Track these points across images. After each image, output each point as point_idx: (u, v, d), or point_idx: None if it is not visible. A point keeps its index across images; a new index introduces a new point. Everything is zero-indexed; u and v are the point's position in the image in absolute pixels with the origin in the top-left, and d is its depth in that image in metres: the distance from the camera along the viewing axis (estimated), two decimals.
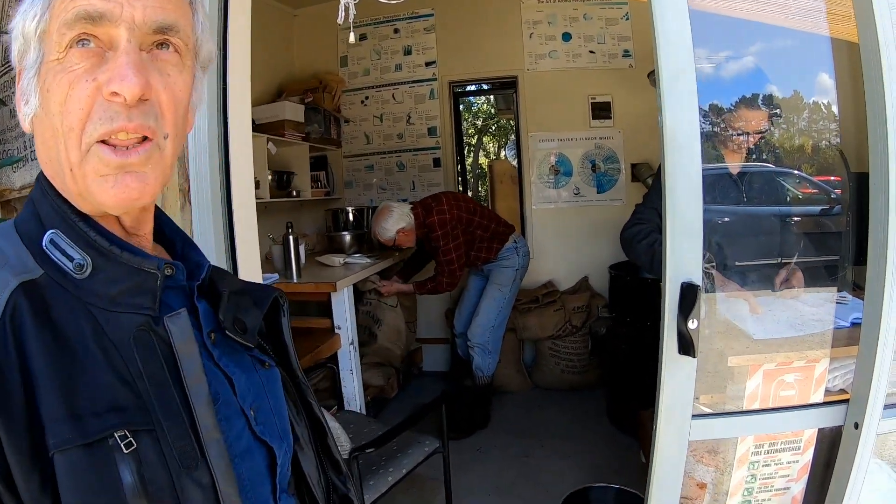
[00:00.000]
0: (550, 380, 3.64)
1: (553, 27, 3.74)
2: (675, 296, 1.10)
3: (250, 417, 0.61)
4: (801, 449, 1.41)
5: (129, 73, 0.51)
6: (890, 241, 1.22)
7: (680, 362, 1.13)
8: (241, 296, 0.67)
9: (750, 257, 1.55)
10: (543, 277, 3.85)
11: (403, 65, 3.96)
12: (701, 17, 1.38)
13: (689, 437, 1.19)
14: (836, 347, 1.35)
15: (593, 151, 3.81)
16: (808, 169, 1.87)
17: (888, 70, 1.24)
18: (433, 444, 1.95)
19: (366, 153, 4.12)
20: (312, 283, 2.64)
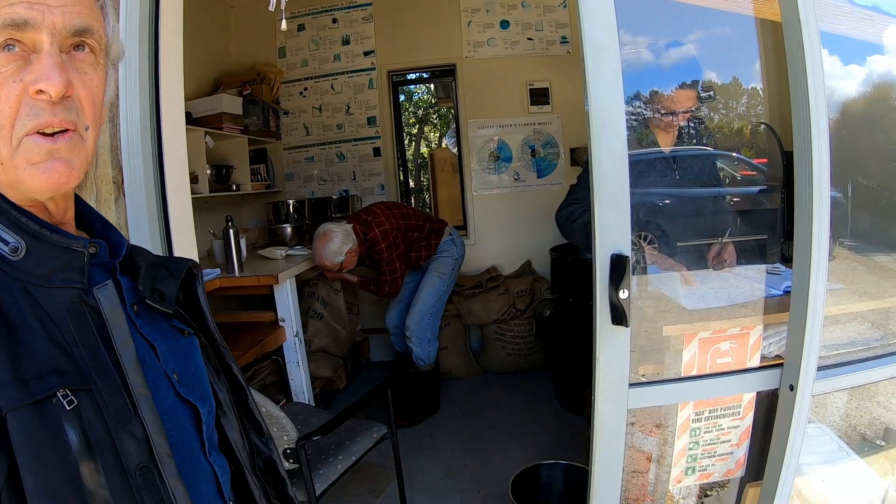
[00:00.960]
0: (497, 363, 3.70)
1: (491, 15, 3.79)
2: (606, 267, 1.13)
3: (174, 380, 0.68)
4: (741, 414, 1.46)
5: (53, 73, 0.57)
6: (814, 211, 1.27)
7: (614, 332, 1.16)
8: (158, 268, 0.73)
9: (689, 237, 1.60)
10: (487, 263, 3.91)
11: (342, 55, 3.95)
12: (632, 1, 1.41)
13: (627, 406, 1.22)
14: (770, 314, 1.40)
15: (532, 137, 3.88)
16: (747, 152, 1.92)
17: (809, 47, 1.29)
18: (381, 430, 1.97)
19: (306, 145, 4.10)
20: (254, 276, 2.62)
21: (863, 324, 1.78)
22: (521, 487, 1.92)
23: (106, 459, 0.56)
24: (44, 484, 0.53)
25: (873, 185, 1.95)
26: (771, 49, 1.52)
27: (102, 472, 0.56)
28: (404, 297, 3.29)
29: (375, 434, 1.94)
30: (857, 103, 1.81)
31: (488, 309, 3.59)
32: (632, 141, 1.71)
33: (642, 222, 1.38)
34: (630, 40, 1.49)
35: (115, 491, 0.56)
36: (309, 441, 1.62)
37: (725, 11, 1.57)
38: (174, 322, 0.73)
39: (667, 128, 1.66)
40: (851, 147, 1.87)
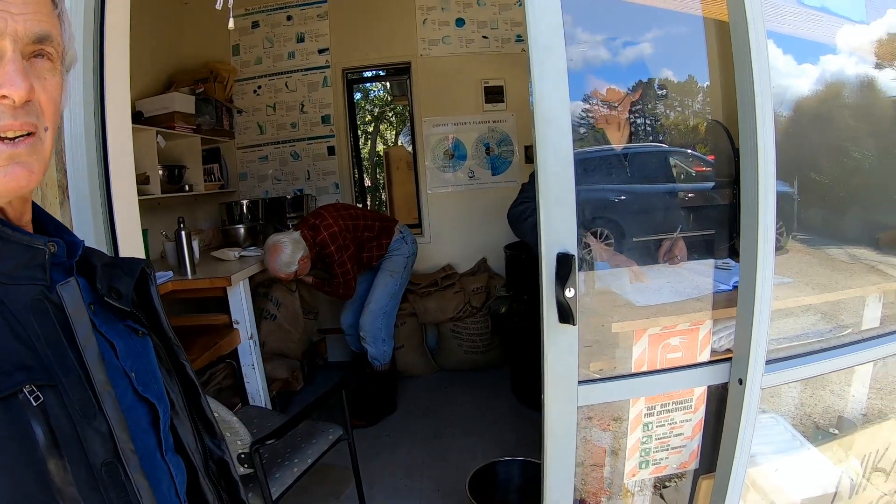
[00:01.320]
0: (455, 361, 3.72)
1: (446, 13, 3.78)
2: (552, 265, 1.14)
3: (132, 378, 0.68)
4: (693, 408, 1.48)
5: (17, 78, 0.59)
6: (760, 206, 1.29)
7: (561, 331, 1.17)
8: (113, 267, 0.74)
9: (641, 233, 1.62)
10: (442, 261, 3.92)
11: (297, 52, 3.91)
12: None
13: (577, 403, 1.23)
14: (719, 309, 1.42)
15: (487, 135, 3.90)
16: (702, 148, 1.95)
17: (755, 45, 1.31)
18: (337, 432, 1.96)
19: (259, 144, 4.06)
20: (207, 278, 2.58)
21: (815, 315, 1.82)
22: (479, 484, 1.93)
23: (72, 455, 0.57)
24: (11, 480, 0.53)
25: (825, 181, 1.99)
26: (723, 47, 1.55)
27: (69, 469, 0.56)
28: (358, 296, 3.27)
29: (331, 436, 1.92)
30: (809, 101, 1.84)
31: (444, 307, 3.60)
32: (588, 139, 1.73)
33: (589, 220, 1.39)
34: (587, 39, 1.50)
35: (82, 487, 0.57)
36: (263, 445, 1.60)
37: (680, 12, 1.59)
38: (128, 322, 0.74)
39: (616, 125, 1.67)
40: (804, 143, 1.91)
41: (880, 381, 2.09)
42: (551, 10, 1.16)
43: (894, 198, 2.10)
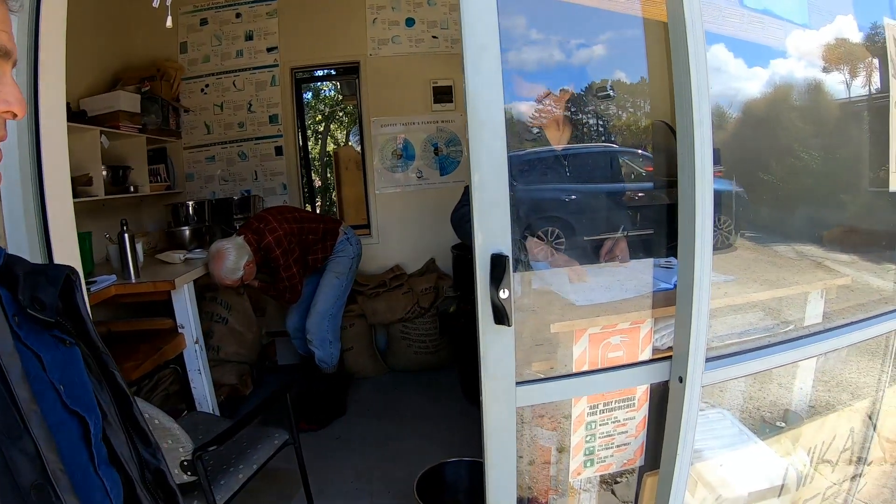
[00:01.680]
0: (404, 362, 3.72)
1: (397, 12, 3.78)
2: (486, 266, 1.13)
3: (60, 392, 0.66)
4: (636, 406, 1.50)
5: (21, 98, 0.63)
6: (697, 205, 1.31)
7: (497, 332, 1.17)
8: (37, 276, 0.71)
9: (584, 233, 1.63)
10: (390, 262, 3.92)
11: (245, 51, 3.86)
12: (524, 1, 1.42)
13: (516, 404, 1.23)
14: (660, 308, 1.44)
15: (436, 135, 3.91)
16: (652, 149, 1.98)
17: (693, 48, 1.33)
18: (283, 436, 1.94)
19: (207, 144, 3.98)
20: (150, 282, 2.53)
21: (761, 312, 1.86)
22: (428, 486, 1.93)
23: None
24: None
25: (773, 180, 2.03)
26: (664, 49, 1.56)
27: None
28: (304, 299, 3.24)
29: (277, 440, 1.90)
30: (759, 103, 1.88)
31: (393, 308, 3.60)
32: (529, 140, 1.73)
33: (525, 220, 1.39)
34: (526, 40, 1.50)
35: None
36: (206, 452, 1.57)
37: (622, 13, 1.60)
38: (55, 332, 0.71)
39: (555, 125, 1.68)
40: (753, 144, 1.96)
41: (827, 373, 2.15)
42: (487, 10, 1.16)
43: (839, 197, 2.16)
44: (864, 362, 2.16)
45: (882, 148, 1.91)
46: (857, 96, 2.00)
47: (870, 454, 2.13)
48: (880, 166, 1.95)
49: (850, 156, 2.14)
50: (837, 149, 2.14)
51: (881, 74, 1.95)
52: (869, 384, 2.15)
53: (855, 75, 1.97)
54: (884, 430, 2.16)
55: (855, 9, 1.94)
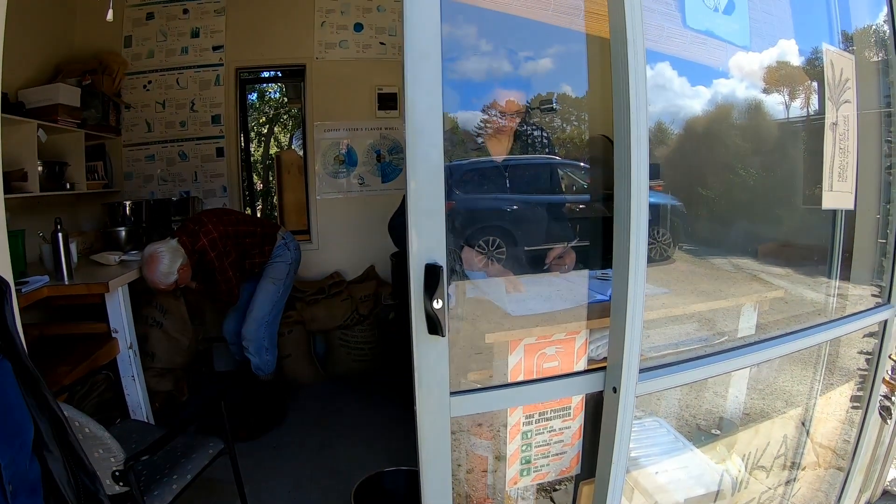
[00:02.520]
0: (343, 369, 3.70)
1: (345, 17, 3.76)
2: (420, 276, 1.13)
3: None
4: (571, 415, 1.52)
5: None
6: (632, 218, 1.34)
7: (431, 342, 1.16)
8: None
9: (522, 243, 1.65)
10: (330, 268, 3.90)
11: (190, 48, 3.77)
12: (470, 12, 1.42)
13: (450, 414, 1.23)
14: (595, 319, 1.47)
15: (379, 142, 3.91)
16: None
17: (633, 66, 1.36)
18: (218, 445, 1.89)
19: (147, 142, 3.87)
20: (84, 284, 2.44)
21: (696, 323, 1.91)
22: (366, 494, 1.91)
23: None
24: None
25: (712, 195, 2.10)
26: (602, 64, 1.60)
27: None
28: (241, 304, 3.19)
29: (212, 449, 1.85)
30: (701, 121, 1.93)
31: (332, 315, 3.58)
32: (485, 150, 1.74)
33: (470, 230, 1.39)
34: (486, 50, 1.51)
35: None
36: (138, 461, 1.51)
37: (563, 28, 1.62)
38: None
39: (497, 136, 1.69)
40: (694, 160, 2.01)
41: (761, 382, 2.23)
42: (430, 18, 1.15)
43: (775, 212, 2.24)
44: (798, 371, 2.25)
45: (816, 167, 1.98)
46: (795, 117, 2.08)
47: (803, 459, 2.21)
48: (815, 184, 2.03)
49: (787, 173, 2.22)
50: (774, 166, 2.21)
51: (819, 97, 2.02)
52: (802, 392, 2.24)
53: (794, 97, 2.05)
54: (817, 435, 2.25)
55: (796, 34, 2.02)
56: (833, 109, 1.98)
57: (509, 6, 1.44)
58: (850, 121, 2.02)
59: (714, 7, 1.89)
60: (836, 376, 2.26)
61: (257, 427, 3.00)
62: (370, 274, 3.90)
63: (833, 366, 2.25)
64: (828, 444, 2.29)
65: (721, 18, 1.90)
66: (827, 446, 2.29)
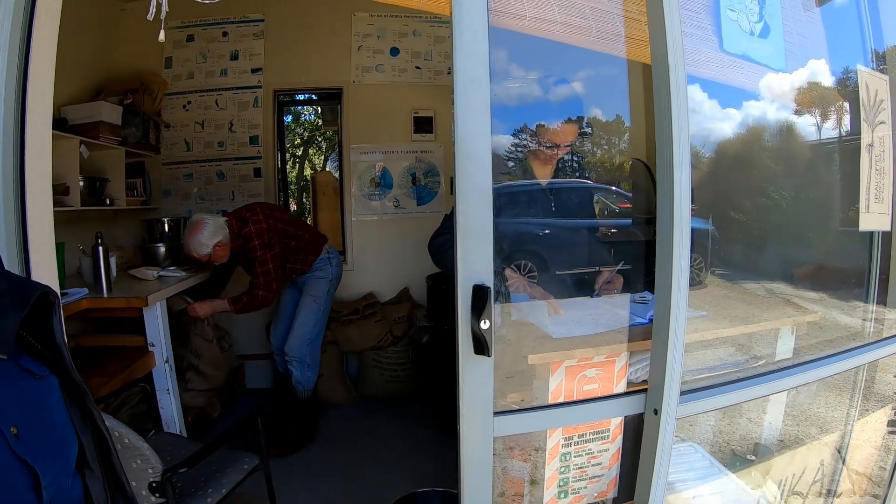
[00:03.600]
0: (375, 390, 3.68)
1: (382, 41, 3.80)
2: (468, 297, 1.14)
3: (10, 436, 0.56)
4: (610, 438, 1.51)
5: None
6: (675, 241, 1.34)
7: (476, 362, 1.18)
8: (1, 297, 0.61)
9: (562, 266, 1.66)
10: (364, 289, 3.89)
11: (229, 70, 3.84)
12: (510, 38, 1.46)
13: (493, 434, 1.24)
14: (636, 342, 1.47)
15: (414, 164, 3.92)
16: (626, 186, 2.03)
17: (675, 90, 1.37)
18: (253, 461, 1.90)
19: (185, 161, 3.94)
20: (123, 297, 2.48)
21: (731, 347, 1.90)
22: None
23: None
24: None
25: (744, 219, 2.08)
26: (645, 90, 1.61)
27: None
28: (287, 316, 3.21)
29: (247, 465, 1.87)
30: (732, 143, 1.92)
31: (366, 335, 3.57)
32: (511, 173, 1.76)
33: (509, 252, 1.41)
34: (511, 75, 1.54)
35: None
36: (176, 474, 1.53)
37: (604, 53, 1.65)
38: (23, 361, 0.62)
39: (546, 160, 1.72)
40: (725, 184, 2.00)
41: (796, 408, 2.19)
42: (479, 43, 1.19)
43: (809, 236, 2.22)
44: (833, 397, 2.21)
45: (851, 188, 1.96)
46: (827, 138, 2.07)
47: (839, 486, 2.16)
48: (850, 206, 2.01)
49: (820, 196, 2.20)
50: (808, 189, 2.20)
51: (852, 117, 2.01)
52: (837, 418, 2.19)
53: (826, 118, 2.04)
54: (852, 462, 2.20)
55: (829, 53, 2.01)
56: (868, 130, 1.96)
57: (552, 32, 1.47)
58: (885, 142, 2.00)
59: (750, 31, 1.90)
60: (871, 402, 2.21)
61: (289, 444, 3.00)
62: (404, 296, 3.90)
63: (869, 391, 2.21)
64: (864, 470, 2.24)
65: (757, 42, 1.90)
66: (863, 473, 2.24)
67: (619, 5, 1.60)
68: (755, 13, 1.91)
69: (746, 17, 1.89)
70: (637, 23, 1.59)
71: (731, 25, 1.87)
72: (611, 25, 1.57)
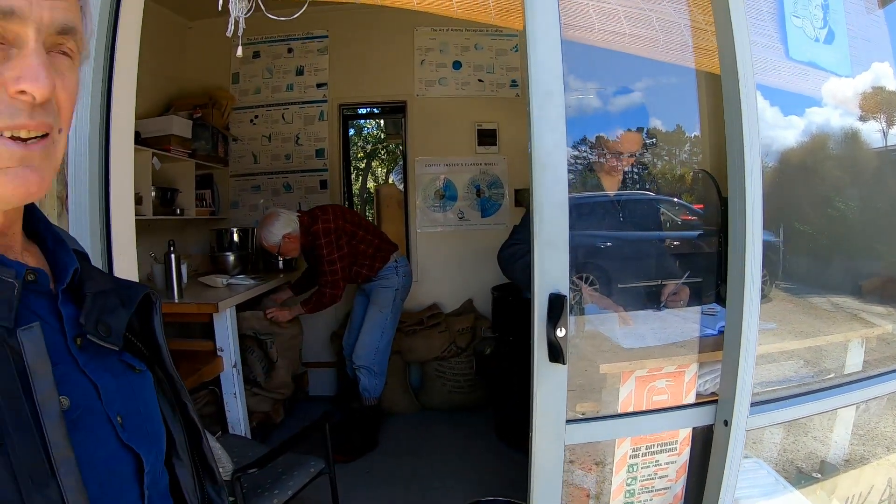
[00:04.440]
0: (438, 400, 3.68)
1: (444, 55, 3.84)
2: (544, 306, 1.16)
3: (116, 424, 0.60)
4: (677, 450, 1.49)
5: (41, 74, 0.51)
6: (747, 253, 1.33)
7: (551, 370, 1.19)
8: (108, 296, 0.65)
9: (630, 278, 1.65)
10: (428, 300, 3.90)
11: (295, 85, 3.93)
12: (582, 50, 1.47)
13: (564, 442, 1.24)
14: (705, 353, 1.45)
15: (478, 177, 3.92)
16: (688, 197, 2.01)
17: (745, 99, 1.37)
18: (318, 465, 1.93)
19: (253, 173, 4.04)
20: (194, 303, 2.56)
21: (797, 362, 1.85)
22: None
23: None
24: None
25: (809, 230, 2.03)
26: (710, 99, 1.61)
27: None
28: (357, 325, 3.26)
29: (313, 469, 1.90)
30: (795, 152, 1.89)
31: (429, 346, 3.58)
32: (577, 184, 1.77)
33: (581, 263, 1.41)
34: (579, 86, 1.55)
35: None
36: (245, 474, 1.58)
37: (670, 63, 1.65)
38: (125, 357, 0.65)
39: (612, 171, 1.72)
40: (789, 193, 1.96)
41: (862, 426, 2.12)
42: (553, 57, 1.21)
43: (876, 247, 2.15)
44: None
45: None
46: (894, 144, 2.01)
47: None
48: None
49: (888, 205, 2.13)
50: (874, 198, 2.13)
51: None
52: None
53: (892, 123, 1.98)
54: None
55: (894, 56, 1.96)
56: None
57: (620, 44, 1.48)
58: None
59: (815, 37, 1.86)
60: None
61: (352, 450, 3.03)
62: (468, 307, 3.90)
63: None
64: None
65: (822, 49, 1.87)
66: None
67: (686, 16, 1.59)
68: (819, 19, 1.88)
69: (811, 23, 1.86)
70: (703, 32, 1.59)
71: (797, 32, 1.84)
72: (678, 36, 1.57)
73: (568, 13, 1.31)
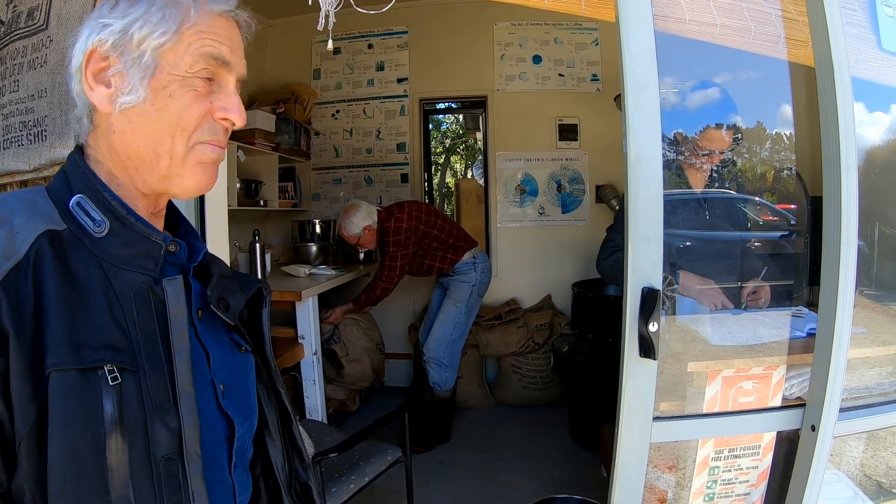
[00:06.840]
0: (512, 396, 3.66)
1: (524, 49, 3.82)
2: (636, 300, 1.14)
3: (218, 391, 0.70)
4: (760, 455, 1.45)
5: (241, 109, 0.70)
6: (842, 256, 1.28)
7: (641, 365, 1.17)
8: (230, 280, 0.77)
9: (716, 276, 1.60)
10: (507, 295, 3.89)
11: (375, 80, 3.99)
12: (668, 41, 1.44)
13: (650, 439, 1.22)
14: (793, 355, 1.40)
15: (559, 172, 3.89)
16: (769, 197, 1.94)
17: (841, 91, 1.32)
18: (396, 453, 1.95)
19: (334, 166, 4.12)
20: (277, 291, 2.62)
21: (883, 369, 1.77)
22: None
23: (135, 441, 0.59)
24: (69, 447, 0.56)
25: None
26: (803, 94, 1.55)
27: (128, 451, 0.58)
28: (433, 317, 3.28)
29: (390, 457, 1.92)
30: (881, 151, 1.81)
31: (506, 341, 3.56)
32: (665, 180, 1.74)
33: (670, 260, 1.38)
34: (665, 81, 1.52)
35: (136, 474, 0.58)
36: (325, 458, 1.62)
37: (756, 54, 1.59)
38: (234, 336, 0.76)
39: (700, 168, 1.68)
40: (875, 195, 1.88)
41: None
42: (647, 50, 1.19)
43: None
44: None
45: None
46: None
47: None
48: None
49: None
50: None
51: None
52: None
53: None
54: None
55: None
56: None
57: (711, 35, 1.44)
58: None
59: None
60: None
61: (425, 441, 3.05)
62: (546, 303, 3.87)
63: None
64: None
65: None
66: None
67: (778, 5, 1.54)
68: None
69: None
70: (794, 23, 1.53)
71: (889, 22, 1.75)
72: (770, 27, 1.52)
73: (659, 3, 1.29)
